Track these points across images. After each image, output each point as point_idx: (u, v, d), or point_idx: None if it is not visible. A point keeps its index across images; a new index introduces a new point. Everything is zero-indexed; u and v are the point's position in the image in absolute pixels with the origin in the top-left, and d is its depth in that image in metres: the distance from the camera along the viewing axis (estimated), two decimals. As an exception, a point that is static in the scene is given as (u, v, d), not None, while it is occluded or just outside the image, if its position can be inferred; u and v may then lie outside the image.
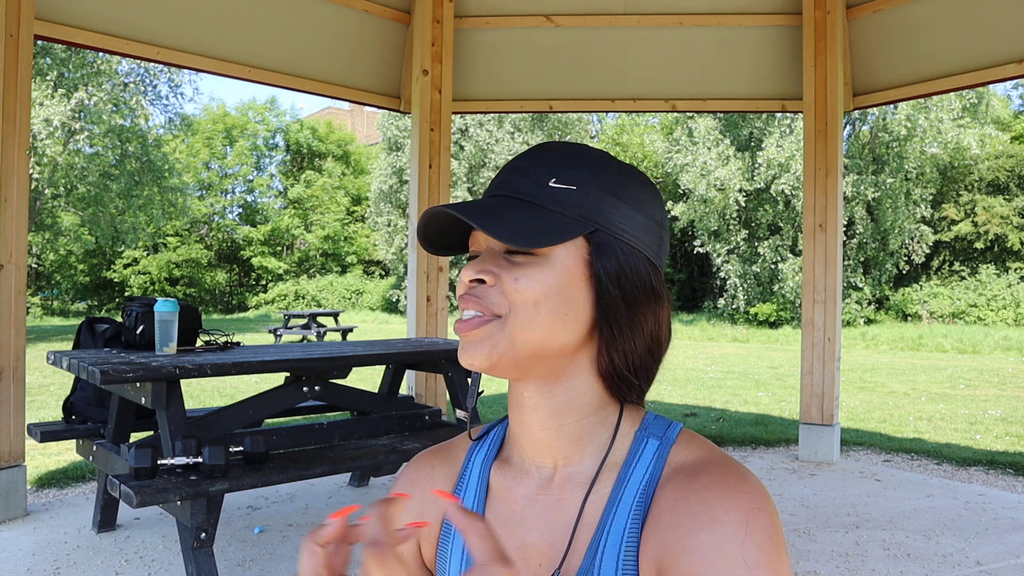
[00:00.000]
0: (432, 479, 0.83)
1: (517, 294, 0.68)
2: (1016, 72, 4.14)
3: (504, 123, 23.27)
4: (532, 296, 0.68)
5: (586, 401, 0.72)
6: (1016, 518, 3.57)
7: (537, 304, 0.68)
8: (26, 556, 2.96)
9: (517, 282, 0.68)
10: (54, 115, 15.96)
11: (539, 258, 0.69)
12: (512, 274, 0.68)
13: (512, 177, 0.71)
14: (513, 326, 0.68)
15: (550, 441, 0.73)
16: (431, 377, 4.79)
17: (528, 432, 0.74)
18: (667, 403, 7.40)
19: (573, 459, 0.73)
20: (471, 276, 0.69)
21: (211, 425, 2.81)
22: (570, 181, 0.70)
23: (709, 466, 0.68)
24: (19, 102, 3.42)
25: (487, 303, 0.68)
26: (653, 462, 0.71)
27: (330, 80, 4.73)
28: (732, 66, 4.90)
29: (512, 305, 0.68)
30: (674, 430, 0.73)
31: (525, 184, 0.70)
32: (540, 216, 0.68)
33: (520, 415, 0.74)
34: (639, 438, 0.73)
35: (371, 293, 26.60)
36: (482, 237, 0.72)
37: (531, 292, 0.68)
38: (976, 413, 6.98)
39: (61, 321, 21.23)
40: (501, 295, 0.68)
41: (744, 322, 19.33)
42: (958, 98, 17.84)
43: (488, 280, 0.68)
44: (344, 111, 37.89)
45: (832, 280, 4.70)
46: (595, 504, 0.71)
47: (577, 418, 0.72)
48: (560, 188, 0.69)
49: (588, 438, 0.73)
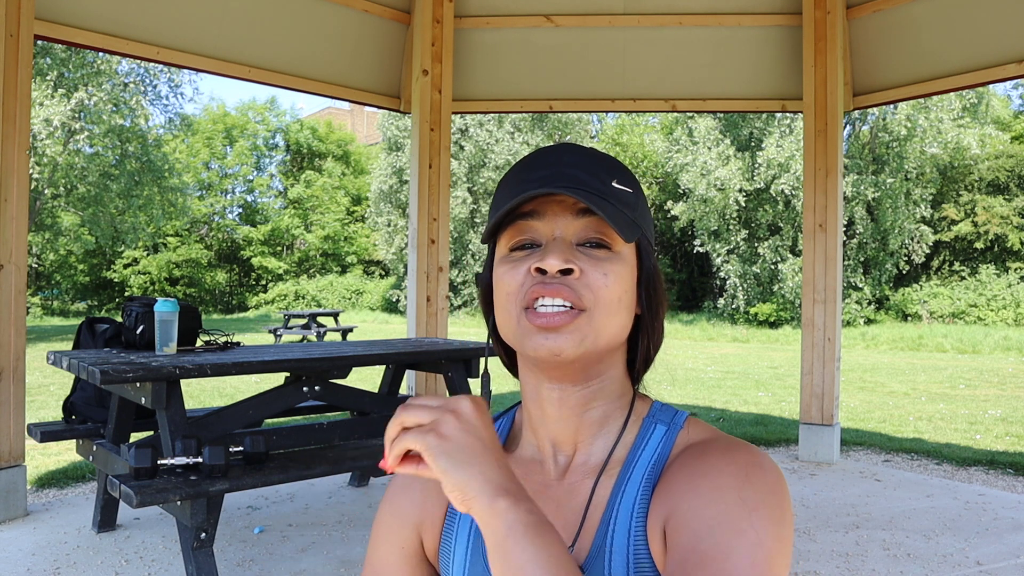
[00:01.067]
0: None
1: (607, 288, 0.68)
2: (1016, 72, 4.14)
3: (504, 123, 23.26)
4: (617, 292, 0.69)
5: (612, 390, 0.75)
6: (1016, 518, 3.57)
7: (620, 299, 0.70)
8: (26, 556, 2.96)
9: (607, 277, 0.68)
10: (54, 115, 15.95)
11: (615, 254, 0.70)
12: (600, 268, 0.69)
13: (573, 171, 0.70)
14: (599, 320, 0.68)
15: (573, 428, 0.74)
16: (431, 377, 4.79)
17: (550, 420, 0.75)
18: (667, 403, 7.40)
19: (589, 445, 0.75)
20: (561, 265, 0.67)
21: (211, 425, 2.81)
22: (626, 184, 0.72)
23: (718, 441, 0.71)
24: (19, 102, 3.42)
25: (578, 294, 0.68)
26: (661, 445, 0.73)
27: (330, 80, 4.73)
28: (732, 66, 4.90)
29: (598, 299, 0.68)
30: (681, 417, 0.76)
31: (592, 181, 0.70)
32: (619, 214, 0.69)
33: (541, 407, 0.74)
34: (647, 424, 0.75)
35: (371, 293, 26.61)
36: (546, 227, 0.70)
37: (616, 288, 0.69)
38: (976, 413, 6.98)
39: (61, 321, 21.23)
40: (588, 288, 0.68)
41: (744, 322, 19.33)
42: (958, 98, 17.84)
43: (576, 271, 0.68)
44: (344, 111, 37.88)
45: (832, 280, 4.70)
46: (605, 487, 0.73)
47: (601, 404, 0.74)
48: (621, 189, 0.71)
49: (605, 423, 0.75)
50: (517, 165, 0.74)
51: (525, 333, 0.68)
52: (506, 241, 0.72)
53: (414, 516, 0.82)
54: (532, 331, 0.68)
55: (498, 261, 0.73)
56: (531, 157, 0.74)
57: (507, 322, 0.71)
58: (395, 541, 0.81)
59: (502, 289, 0.71)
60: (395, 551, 0.81)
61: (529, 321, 0.68)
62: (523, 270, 0.69)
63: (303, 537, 3.24)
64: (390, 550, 0.81)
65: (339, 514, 3.57)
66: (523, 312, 0.69)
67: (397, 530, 0.82)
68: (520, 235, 0.71)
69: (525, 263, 0.69)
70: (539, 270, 0.68)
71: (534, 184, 0.69)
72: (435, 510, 0.81)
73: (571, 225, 0.70)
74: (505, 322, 0.71)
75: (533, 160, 0.73)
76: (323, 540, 3.20)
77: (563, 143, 0.75)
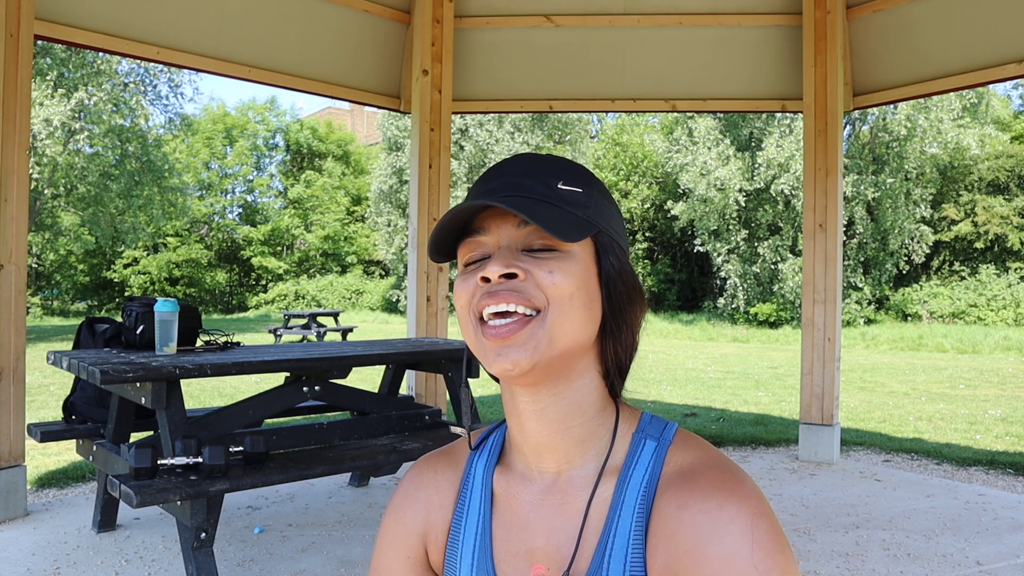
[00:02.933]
0: (436, 483, 0.83)
1: (554, 287, 0.68)
2: (1016, 72, 4.13)
3: (504, 123, 23.26)
4: (567, 289, 0.68)
5: (590, 401, 0.73)
6: (1016, 518, 3.57)
7: (572, 297, 0.69)
8: (26, 556, 2.96)
9: (553, 275, 0.68)
10: (54, 115, 15.95)
11: (563, 254, 0.69)
12: (544, 268, 0.68)
13: (517, 179, 0.71)
14: (551, 322, 0.68)
15: (555, 445, 0.73)
16: (431, 377, 4.79)
17: (531, 438, 0.74)
18: (667, 403, 7.40)
19: (576, 462, 0.73)
20: (502, 270, 0.68)
21: (211, 425, 2.81)
22: (576, 184, 0.72)
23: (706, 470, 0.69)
24: (19, 102, 3.42)
25: (526, 296, 0.68)
26: (651, 463, 0.72)
27: (330, 80, 4.73)
28: (732, 66, 4.90)
29: (549, 298, 0.68)
30: (670, 431, 0.74)
31: (535, 186, 0.71)
32: (562, 213, 0.69)
33: (521, 423, 0.74)
34: (636, 439, 0.73)
35: (371, 293, 26.60)
36: (490, 238, 0.71)
37: (566, 285, 0.68)
38: (976, 413, 6.98)
39: (61, 321, 21.23)
40: (537, 288, 0.68)
41: (744, 322, 19.33)
42: (958, 98, 17.84)
43: (520, 275, 0.68)
44: (344, 111, 37.88)
45: (832, 280, 4.70)
46: (598, 507, 0.71)
47: (582, 420, 0.73)
48: (568, 190, 0.71)
49: (591, 440, 0.73)
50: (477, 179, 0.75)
51: (483, 351, 0.69)
52: (460, 255, 0.73)
53: (419, 526, 0.82)
54: (489, 349, 0.69)
55: (456, 278, 0.74)
56: (485, 172, 0.75)
57: (468, 337, 0.72)
58: (401, 549, 0.82)
59: (458, 302, 0.72)
60: (400, 559, 0.81)
61: (486, 338, 0.69)
62: (472, 283, 0.70)
63: (303, 537, 3.24)
64: (395, 557, 0.81)
65: (339, 514, 3.57)
66: (479, 326, 0.69)
67: (403, 539, 0.82)
68: (471, 250, 0.72)
69: (474, 276, 0.70)
70: (484, 279, 0.69)
71: (480, 197, 0.71)
72: (440, 520, 0.81)
73: (515, 234, 0.70)
74: (467, 337, 0.72)
75: (485, 174, 0.74)
76: (323, 540, 3.20)
77: (516, 155, 0.76)
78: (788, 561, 0.64)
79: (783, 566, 0.63)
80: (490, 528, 0.77)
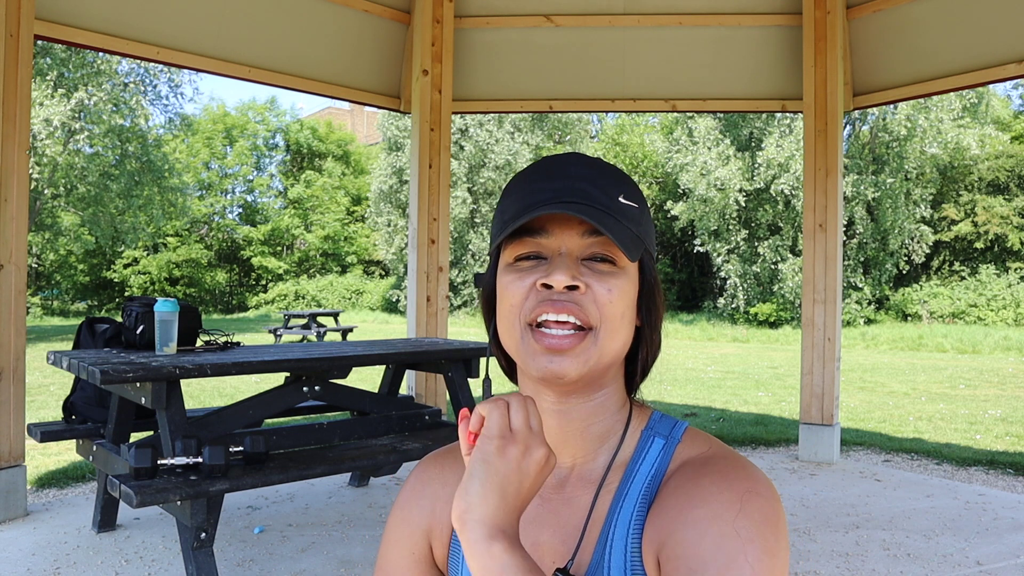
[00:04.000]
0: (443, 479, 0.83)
1: (611, 305, 0.68)
2: (1016, 72, 4.13)
3: (504, 123, 23.26)
4: (620, 308, 0.69)
5: (613, 401, 0.74)
6: (1016, 518, 3.57)
7: (623, 316, 0.69)
8: (26, 556, 2.96)
9: (611, 293, 0.68)
10: (54, 115, 15.95)
11: (620, 270, 0.69)
12: (604, 284, 0.68)
13: (583, 186, 0.70)
14: (603, 339, 0.68)
15: (573, 442, 0.74)
16: (431, 377, 4.79)
17: (550, 433, 0.74)
18: (667, 403, 7.40)
19: (588, 457, 0.74)
20: (567, 281, 0.67)
21: (211, 425, 2.81)
22: (632, 199, 0.72)
23: (714, 460, 0.70)
24: (19, 102, 3.41)
25: (584, 311, 0.67)
26: (659, 459, 0.72)
27: (330, 80, 4.73)
28: (732, 66, 4.90)
29: (604, 316, 0.68)
30: (679, 429, 0.75)
31: (602, 197, 0.70)
32: (624, 230, 0.69)
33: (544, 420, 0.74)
34: (645, 436, 0.74)
35: (371, 293, 26.60)
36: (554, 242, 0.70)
37: (620, 304, 0.69)
38: (976, 413, 6.98)
39: (61, 321, 21.23)
40: (594, 305, 0.68)
41: (744, 322, 19.33)
42: (958, 98, 17.84)
43: (581, 288, 0.68)
44: (344, 111, 37.87)
45: (832, 280, 4.70)
46: (604, 501, 0.72)
47: (603, 418, 0.74)
48: (627, 204, 0.71)
49: (606, 437, 0.74)
50: (524, 173, 0.74)
51: (530, 352, 0.68)
52: (512, 250, 0.71)
53: (424, 523, 0.82)
54: (538, 352, 0.68)
55: (503, 269, 0.72)
56: (539, 166, 0.73)
57: (510, 336, 0.71)
58: (406, 546, 0.82)
59: (506, 300, 0.70)
60: (406, 556, 0.82)
61: (536, 341, 0.68)
62: (528, 283, 0.69)
63: (303, 537, 3.24)
64: (401, 554, 0.82)
65: (339, 514, 3.57)
66: (528, 329, 0.68)
67: (408, 536, 0.82)
68: (526, 247, 0.71)
69: (530, 276, 0.69)
70: (545, 285, 0.68)
71: (543, 196, 0.69)
72: (445, 518, 0.81)
73: (578, 242, 0.69)
74: (508, 335, 0.71)
75: (541, 170, 0.72)
76: (323, 540, 3.20)
77: (571, 153, 0.75)
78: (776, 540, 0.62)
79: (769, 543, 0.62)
80: None
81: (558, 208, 0.67)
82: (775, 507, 0.64)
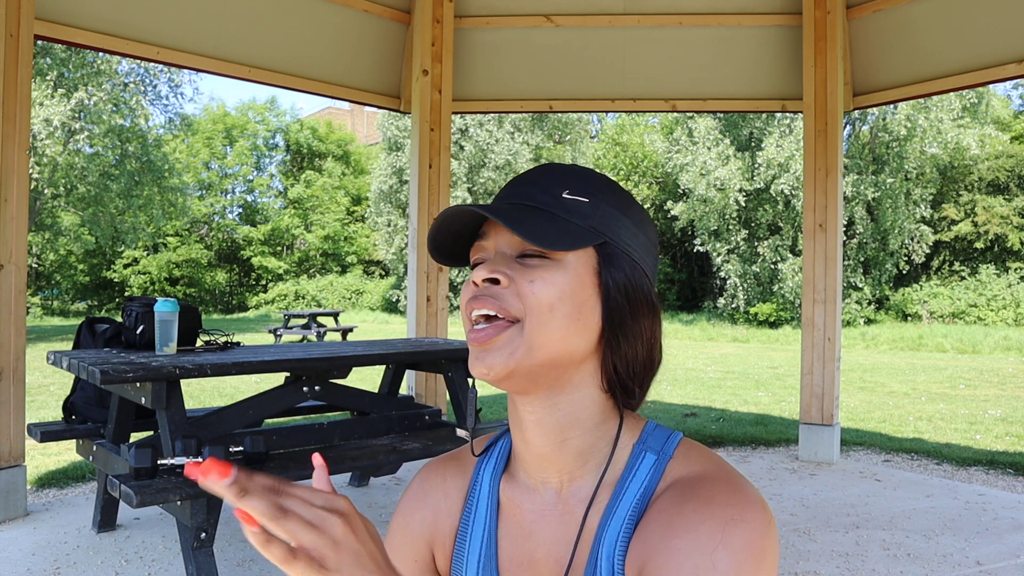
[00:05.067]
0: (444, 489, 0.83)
1: (533, 296, 0.68)
2: (1016, 72, 4.13)
3: (504, 123, 23.26)
4: (547, 299, 0.68)
5: (589, 415, 0.72)
6: (1016, 518, 3.57)
7: (552, 307, 0.68)
8: (26, 556, 2.96)
9: (533, 284, 0.68)
10: (54, 115, 15.95)
11: (553, 263, 0.69)
12: (527, 276, 0.68)
13: (525, 188, 0.73)
14: (530, 331, 0.68)
15: (554, 457, 0.73)
16: (431, 377, 4.79)
17: (531, 449, 0.74)
18: (667, 403, 7.40)
19: (577, 475, 0.73)
20: (484, 275, 0.69)
21: (211, 425, 2.81)
22: (582, 194, 0.72)
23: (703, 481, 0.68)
24: (19, 102, 3.41)
25: (504, 304, 0.68)
26: (649, 476, 0.71)
27: (330, 80, 4.73)
28: (732, 66, 4.90)
29: (528, 308, 0.68)
30: (672, 444, 0.73)
31: (539, 195, 0.72)
32: (556, 223, 0.70)
33: (521, 432, 0.74)
34: (637, 451, 0.72)
35: (371, 293, 26.60)
36: (490, 243, 0.72)
37: (546, 295, 0.68)
38: (976, 413, 6.98)
39: (61, 321, 21.23)
40: (516, 297, 0.68)
41: (744, 322, 19.33)
42: (958, 98, 17.84)
43: (503, 281, 0.68)
44: (344, 111, 37.87)
45: (832, 280, 4.70)
46: (594, 518, 0.71)
47: (580, 432, 0.72)
48: (572, 200, 0.71)
49: (591, 453, 0.72)
50: None
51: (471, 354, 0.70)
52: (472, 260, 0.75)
53: (426, 531, 0.82)
54: (471, 350, 0.70)
55: None
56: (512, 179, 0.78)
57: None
58: (408, 554, 0.82)
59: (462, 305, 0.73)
60: (408, 562, 0.82)
61: (468, 340, 0.70)
62: (469, 285, 0.72)
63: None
64: (402, 560, 0.82)
65: (339, 514, 3.56)
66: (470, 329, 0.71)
67: (409, 543, 0.82)
68: (476, 254, 0.74)
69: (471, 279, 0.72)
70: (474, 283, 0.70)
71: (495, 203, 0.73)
72: (448, 527, 0.81)
73: (511, 240, 0.71)
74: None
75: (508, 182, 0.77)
76: (323, 540, 3.20)
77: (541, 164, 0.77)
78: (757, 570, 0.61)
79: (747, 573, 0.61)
80: (495, 537, 0.77)
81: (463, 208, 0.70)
82: (761, 533, 0.63)
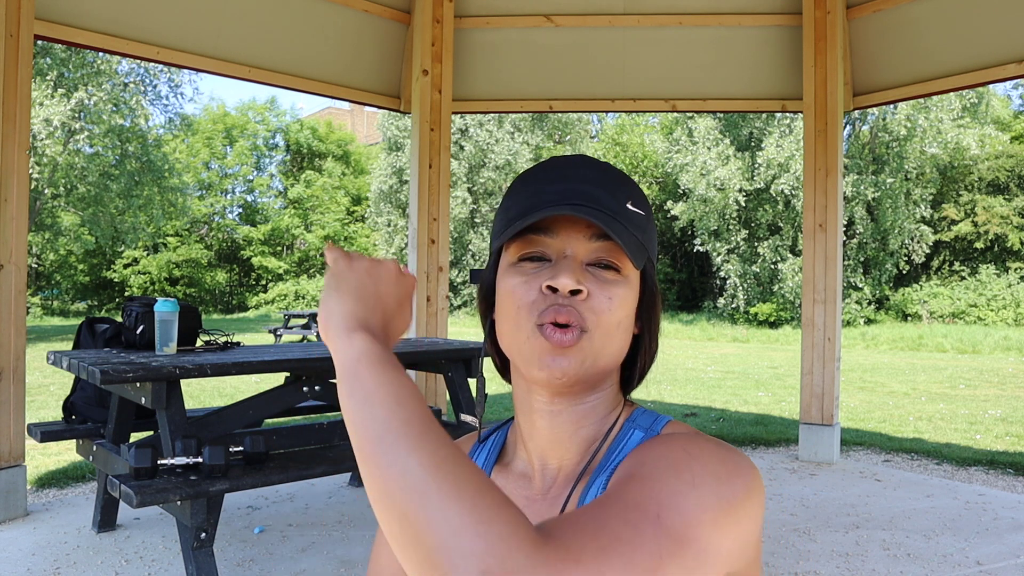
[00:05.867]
0: None
1: (609, 313, 0.68)
2: (1016, 72, 4.13)
3: (504, 123, 23.27)
4: (617, 316, 0.68)
5: (605, 405, 0.74)
6: (1016, 518, 3.57)
7: (620, 324, 0.69)
8: (26, 556, 2.96)
9: (611, 300, 0.68)
10: (54, 115, 15.95)
11: (624, 278, 0.69)
12: (605, 291, 0.68)
13: (590, 189, 0.70)
14: (598, 343, 0.68)
15: (563, 443, 0.73)
16: (431, 377, 4.79)
17: (540, 434, 0.74)
18: (667, 403, 7.40)
19: (575, 459, 0.74)
20: (572, 286, 0.66)
21: (211, 425, 2.81)
22: (639, 206, 0.71)
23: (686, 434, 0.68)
24: (19, 102, 3.41)
25: (581, 316, 0.67)
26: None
27: (330, 80, 4.73)
28: (732, 66, 4.90)
29: (599, 323, 0.67)
30: (660, 423, 0.73)
31: (609, 202, 0.69)
32: (631, 237, 0.68)
33: (531, 420, 0.74)
34: (626, 428, 0.74)
35: (371, 293, 26.57)
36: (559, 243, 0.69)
37: (618, 312, 0.68)
38: (976, 413, 6.98)
39: (61, 321, 21.23)
40: (591, 311, 0.67)
41: (744, 322, 19.33)
42: (958, 98, 17.85)
43: (584, 293, 0.67)
44: (344, 111, 37.87)
45: (832, 280, 4.70)
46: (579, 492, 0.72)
47: (594, 420, 0.73)
48: (634, 211, 0.70)
49: (595, 439, 0.74)
50: (531, 173, 0.73)
51: (535, 351, 0.68)
52: (516, 249, 0.71)
53: None
54: (544, 350, 0.67)
55: (506, 269, 0.71)
56: (546, 166, 0.73)
57: (514, 336, 0.70)
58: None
59: (512, 301, 0.70)
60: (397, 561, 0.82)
61: (546, 337, 0.67)
62: (536, 286, 0.68)
63: (303, 537, 3.24)
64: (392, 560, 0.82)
65: (339, 514, 3.57)
66: (536, 329, 0.68)
67: None
68: (530, 247, 0.70)
69: (537, 278, 0.68)
70: (551, 288, 0.67)
71: (550, 197, 0.69)
72: None
73: (584, 245, 0.69)
74: (511, 334, 0.70)
75: (549, 170, 0.72)
76: (323, 540, 3.20)
77: (579, 155, 0.74)
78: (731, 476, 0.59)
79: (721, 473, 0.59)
80: None
81: (568, 209, 0.66)
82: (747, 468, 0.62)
